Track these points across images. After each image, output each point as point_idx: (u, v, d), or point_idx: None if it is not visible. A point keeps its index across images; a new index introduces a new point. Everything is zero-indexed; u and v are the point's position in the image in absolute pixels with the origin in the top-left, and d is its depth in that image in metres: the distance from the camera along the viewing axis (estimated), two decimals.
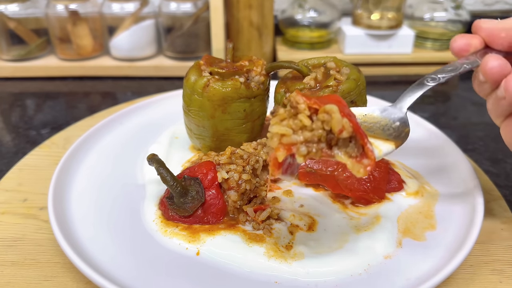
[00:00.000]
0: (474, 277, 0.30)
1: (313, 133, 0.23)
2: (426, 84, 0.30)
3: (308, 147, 0.23)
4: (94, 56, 0.70)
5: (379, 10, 0.67)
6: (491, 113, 0.29)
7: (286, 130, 0.23)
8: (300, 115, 0.23)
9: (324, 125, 0.23)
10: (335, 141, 0.23)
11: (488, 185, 0.39)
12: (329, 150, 0.23)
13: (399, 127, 0.28)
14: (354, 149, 0.23)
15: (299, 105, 0.23)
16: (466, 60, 0.30)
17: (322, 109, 0.23)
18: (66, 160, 0.38)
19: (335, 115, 0.22)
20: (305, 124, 0.23)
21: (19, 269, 0.30)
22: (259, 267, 0.29)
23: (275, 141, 0.23)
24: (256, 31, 0.67)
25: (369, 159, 0.23)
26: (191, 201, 0.32)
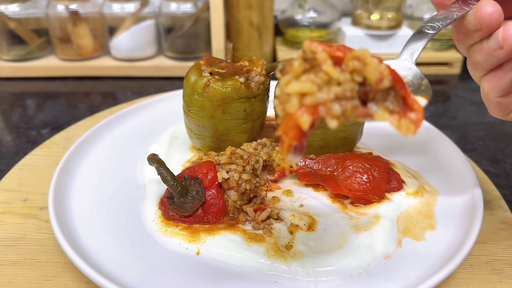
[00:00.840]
0: (474, 277, 0.30)
1: (344, 86, 0.18)
2: (428, 32, 0.26)
3: (342, 105, 0.18)
4: (95, 56, 0.70)
5: (379, 11, 0.67)
6: (475, 66, 0.26)
7: (310, 86, 0.17)
8: (325, 66, 0.18)
9: (355, 75, 0.18)
10: (373, 94, 0.18)
11: (487, 185, 0.39)
12: (364, 107, 0.18)
13: (414, 80, 0.25)
14: (394, 102, 0.18)
15: (317, 55, 0.18)
16: (452, 9, 0.27)
17: (350, 55, 0.18)
18: (66, 160, 0.38)
19: (371, 61, 0.18)
20: (332, 76, 0.18)
21: (19, 269, 0.30)
22: (259, 266, 0.29)
23: (295, 104, 0.17)
24: (256, 31, 0.67)
25: (416, 111, 0.18)
26: (191, 201, 0.32)
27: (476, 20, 0.25)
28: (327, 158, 0.37)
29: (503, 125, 0.53)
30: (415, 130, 0.18)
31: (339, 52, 0.18)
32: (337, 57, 0.18)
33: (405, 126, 0.18)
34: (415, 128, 0.18)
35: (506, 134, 0.51)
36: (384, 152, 0.42)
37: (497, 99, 0.26)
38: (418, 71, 0.26)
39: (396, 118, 0.18)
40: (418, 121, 0.18)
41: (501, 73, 0.26)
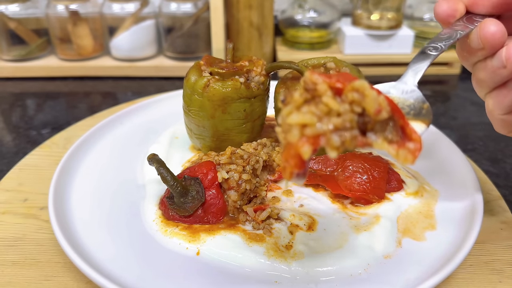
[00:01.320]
0: (474, 277, 0.30)
1: (344, 117, 0.18)
2: (430, 54, 0.27)
3: (341, 136, 0.18)
4: (95, 56, 0.70)
5: (379, 11, 0.67)
6: (479, 83, 0.27)
7: (310, 118, 0.18)
8: (325, 97, 0.18)
9: (354, 106, 0.18)
10: (372, 125, 0.19)
11: (487, 185, 0.39)
12: (363, 136, 0.19)
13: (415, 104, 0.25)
14: (393, 132, 0.19)
15: (318, 86, 0.18)
16: (457, 27, 0.27)
17: (350, 87, 0.18)
18: (66, 160, 0.38)
19: (370, 92, 0.18)
20: (332, 107, 0.18)
21: (19, 269, 0.30)
22: (259, 266, 0.29)
23: (296, 134, 0.18)
24: (256, 31, 0.67)
25: (414, 141, 0.18)
26: (191, 201, 0.32)
27: (479, 39, 0.25)
28: (327, 158, 0.37)
29: None
30: (413, 160, 0.19)
31: (339, 83, 0.19)
32: (337, 88, 0.19)
33: (403, 156, 0.19)
34: (412, 158, 0.19)
35: None
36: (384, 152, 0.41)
37: (502, 116, 0.27)
38: (420, 94, 0.26)
39: (394, 147, 0.19)
40: (415, 151, 0.18)
41: (505, 91, 0.26)
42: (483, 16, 0.28)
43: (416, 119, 0.24)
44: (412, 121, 0.24)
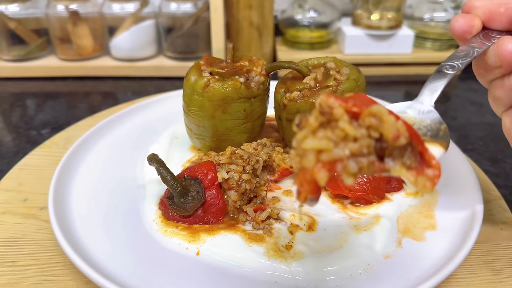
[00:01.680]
0: (474, 277, 0.30)
1: (360, 143, 0.18)
2: (447, 73, 0.26)
3: (358, 162, 0.18)
4: (95, 56, 0.70)
5: (379, 11, 0.67)
6: (497, 102, 0.26)
7: (327, 143, 0.17)
8: (342, 122, 0.18)
9: (372, 131, 0.18)
10: (389, 150, 0.18)
11: (487, 185, 0.39)
12: (381, 163, 0.18)
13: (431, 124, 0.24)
14: (411, 158, 0.18)
15: (334, 110, 0.18)
16: (474, 44, 0.27)
17: (367, 112, 0.18)
18: (66, 160, 0.38)
19: (387, 118, 0.17)
20: (349, 133, 0.18)
21: (19, 269, 0.30)
22: (259, 267, 0.29)
23: (311, 160, 0.18)
24: (256, 31, 0.67)
25: (433, 168, 0.18)
26: (191, 201, 0.32)
27: (497, 57, 0.25)
28: None
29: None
30: (432, 188, 0.18)
31: (356, 107, 0.18)
32: (353, 112, 0.18)
33: (421, 183, 0.18)
34: (431, 185, 0.18)
35: None
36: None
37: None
38: (437, 115, 0.25)
39: (413, 174, 0.18)
40: (435, 178, 0.18)
41: None
42: (500, 31, 0.27)
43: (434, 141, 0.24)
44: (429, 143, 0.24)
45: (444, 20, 0.71)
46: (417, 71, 0.70)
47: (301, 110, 0.35)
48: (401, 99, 0.64)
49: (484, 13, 0.27)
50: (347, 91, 0.35)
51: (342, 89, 0.34)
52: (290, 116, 0.36)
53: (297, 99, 0.35)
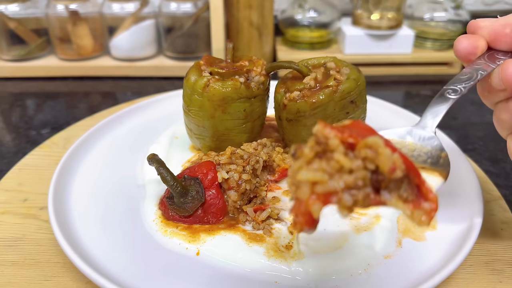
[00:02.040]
0: (474, 277, 0.30)
1: (356, 175, 0.17)
2: (449, 97, 0.26)
3: (353, 194, 0.17)
4: (94, 56, 0.70)
5: (379, 10, 0.67)
6: (502, 124, 0.26)
7: (322, 176, 0.17)
8: (337, 154, 0.17)
9: (367, 163, 0.17)
10: (386, 183, 0.18)
11: (488, 185, 0.39)
12: (377, 195, 0.18)
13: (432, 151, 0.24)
14: (408, 190, 0.18)
15: (330, 141, 0.18)
16: (478, 66, 0.26)
17: (362, 143, 0.17)
18: (66, 160, 0.38)
19: (383, 150, 0.17)
20: (344, 164, 0.17)
21: (19, 269, 0.30)
22: (259, 267, 0.29)
23: (306, 191, 0.17)
24: (256, 31, 0.67)
25: (430, 201, 0.17)
26: (191, 201, 0.32)
27: (501, 80, 0.24)
28: None
29: None
30: (428, 222, 0.17)
31: (352, 138, 0.18)
32: (349, 143, 0.18)
33: (418, 217, 0.18)
34: (428, 219, 0.17)
35: None
36: None
37: None
38: (438, 142, 0.25)
39: (410, 207, 0.18)
40: (432, 211, 0.17)
41: None
42: (505, 52, 0.26)
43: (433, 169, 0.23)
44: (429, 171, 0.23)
45: (444, 20, 0.71)
46: (417, 71, 0.70)
47: (301, 110, 0.35)
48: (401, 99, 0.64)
49: (489, 33, 0.26)
50: (347, 91, 0.34)
51: (342, 89, 0.34)
52: (290, 116, 0.36)
53: (297, 99, 0.35)
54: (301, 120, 0.36)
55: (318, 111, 0.35)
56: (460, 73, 0.27)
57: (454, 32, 0.69)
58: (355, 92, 0.35)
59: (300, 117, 0.36)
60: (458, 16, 0.70)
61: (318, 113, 0.35)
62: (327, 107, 0.35)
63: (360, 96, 0.36)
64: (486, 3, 0.82)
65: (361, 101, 0.36)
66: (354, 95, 0.35)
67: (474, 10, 0.81)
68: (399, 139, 0.24)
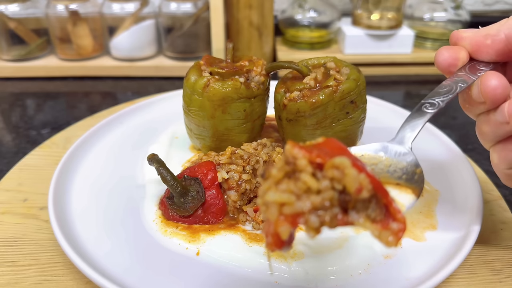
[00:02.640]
0: (474, 277, 0.30)
1: (323, 196, 0.17)
2: (426, 112, 0.26)
3: (320, 216, 0.17)
4: (94, 56, 0.70)
5: (379, 10, 0.67)
6: (483, 136, 0.26)
7: (288, 197, 0.17)
8: (303, 175, 0.18)
9: (335, 183, 0.17)
10: (353, 203, 0.18)
11: (487, 185, 0.39)
12: (345, 215, 0.18)
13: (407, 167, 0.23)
14: (376, 210, 0.18)
15: (298, 161, 0.18)
16: (458, 78, 0.26)
17: (329, 164, 0.17)
18: (66, 160, 0.38)
19: (349, 171, 0.17)
20: (310, 186, 0.17)
21: (19, 269, 0.30)
22: (259, 267, 0.29)
23: (274, 213, 0.17)
24: (256, 31, 0.67)
25: (398, 221, 0.17)
26: (191, 201, 0.32)
27: (480, 93, 0.24)
28: None
29: None
30: (396, 243, 0.18)
31: (320, 158, 0.18)
32: (317, 163, 0.18)
33: (385, 237, 0.18)
34: (395, 240, 0.17)
35: None
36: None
37: (507, 171, 0.25)
38: (413, 158, 0.24)
39: (378, 228, 0.18)
40: (399, 231, 0.17)
41: (510, 146, 0.24)
42: (487, 63, 0.26)
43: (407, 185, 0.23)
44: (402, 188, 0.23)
45: (444, 20, 0.71)
46: (417, 71, 0.70)
47: (301, 110, 0.35)
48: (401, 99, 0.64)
49: (471, 44, 0.26)
50: (347, 91, 0.34)
51: (342, 89, 0.34)
52: (290, 116, 0.36)
53: (297, 99, 0.35)
54: (301, 120, 0.36)
55: (318, 111, 0.35)
56: (439, 86, 0.27)
57: None
58: (355, 92, 0.35)
59: (300, 117, 0.36)
60: (458, 16, 0.70)
61: (318, 113, 0.35)
62: (327, 107, 0.35)
63: (360, 96, 0.36)
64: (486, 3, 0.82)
65: (361, 101, 0.36)
66: (354, 95, 0.35)
67: (474, 10, 0.81)
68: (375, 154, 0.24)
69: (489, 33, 0.26)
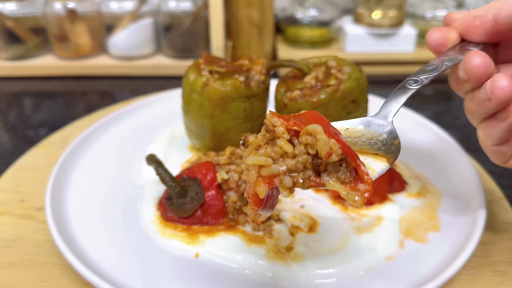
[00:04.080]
0: (477, 278, 0.29)
1: (297, 159, 0.20)
2: (409, 88, 0.27)
3: (293, 177, 0.20)
4: (92, 55, 0.69)
5: (381, 9, 0.67)
6: (470, 113, 0.27)
7: (265, 160, 0.20)
8: (279, 140, 0.20)
9: (309, 149, 0.20)
10: (324, 166, 0.20)
11: (490, 186, 0.39)
12: (317, 177, 0.20)
13: (387, 139, 0.25)
14: (346, 173, 0.20)
15: (276, 128, 0.20)
16: (446, 57, 0.27)
17: (304, 131, 0.20)
18: (64, 160, 0.38)
19: (321, 137, 0.19)
20: (286, 150, 0.20)
21: (16, 270, 0.30)
22: (259, 268, 0.29)
23: (254, 174, 0.20)
24: (256, 30, 0.67)
25: (365, 183, 0.20)
26: (190, 202, 0.32)
27: (465, 71, 0.25)
28: None
29: None
30: (362, 202, 0.19)
31: (296, 126, 0.20)
32: (294, 131, 0.20)
33: (352, 197, 0.20)
34: (361, 200, 0.19)
35: None
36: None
37: (493, 147, 0.26)
38: (393, 130, 0.26)
39: (346, 188, 0.20)
40: (365, 192, 0.19)
41: (494, 122, 0.26)
42: (476, 44, 0.27)
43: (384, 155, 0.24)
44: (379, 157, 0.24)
45: None
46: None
47: (301, 109, 0.35)
48: None
49: (462, 25, 0.27)
50: (349, 90, 0.34)
51: (343, 88, 0.34)
52: None
53: (298, 98, 0.35)
54: None
55: (319, 110, 0.34)
56: (426, 65, 0.28)
57: None
58: (357, 91, 0.35)
59: None
60: None
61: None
62: (328, 106, 0.34)
63: (362, 95, 0.35)
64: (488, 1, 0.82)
65: (363, 100, 0.36)
66: (356, 94, 0.35)
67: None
68: (359, 128, 0.26)
69: (478, 15, 0.27)
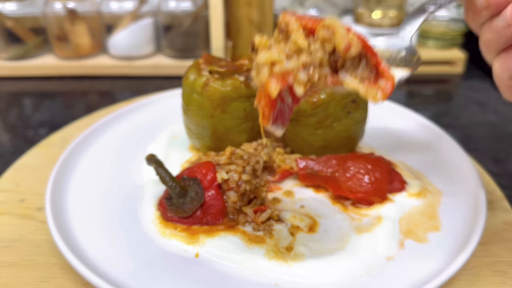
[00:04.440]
0: (477, 278, 0.29)
1: (313, 55, 0.18)
2: (427, 10, 0.26)
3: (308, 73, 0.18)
4: (92, 54, 0.69)
5: (381, 9, 0.67)
6: (486, 46, 0.26)
7: (278, 55, 0.18)
8: (294, 35, 0.18)
9: (326, 45, 0.18)
10: (342, 62, 0.18)
11: (491, 186, 0.39)
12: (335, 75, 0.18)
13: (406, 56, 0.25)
14: (366, 70, 0.18)
15: (289, 26, 0.19)
16: None
17: (321, 25, 0.18)
18: (64, 160, 0.38)
19: (339, 30, 0.18)
20: (300, 45, 0.18)
21: (16, 270, 0.30)
22: (259, 268, 0.29)
23: (265, 73, 0.18)
24: (256, 30, 0.67)
25: (386, 79, 0.18)
26: (190, 202, 0.32)
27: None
28: (328, 159, 0.36)
29: (506, 125, 0.53)
30: (384, 97, 0.18)
31: (311, 22, 0.19)
32: (309, 29, 0.19)
33: (372, 93, 0.18)
34: (383, 94, 0.18)
35: (509, 134, 0.51)
36: (386, 152, 0.41)
37: (509, 81, 0.25)
38: (412, 46, 0.26)
39: (365, 85, 0.18)
40: (386, 87, 0.18)
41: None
42: None
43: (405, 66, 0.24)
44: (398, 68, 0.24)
45: (447, 19, 0.70)
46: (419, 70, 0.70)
47: (301, 109, 0.35)
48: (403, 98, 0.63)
49: None
50: None
51: None
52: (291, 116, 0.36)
53: None
54: (301, 120, 0.35)
55: (319, 110, 0.34)
56: None
57: (456, 31, 0.68)
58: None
59: (301, 116, 0.35)
60: (461, 15, 0.70)
61: (319, 113, 0.34)
62: (328, 106, 0.34)
63: None
64: None
65: (363, 100, 0.36)
66: (356, 94, 0.35)
67: None
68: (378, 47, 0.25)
69: None
